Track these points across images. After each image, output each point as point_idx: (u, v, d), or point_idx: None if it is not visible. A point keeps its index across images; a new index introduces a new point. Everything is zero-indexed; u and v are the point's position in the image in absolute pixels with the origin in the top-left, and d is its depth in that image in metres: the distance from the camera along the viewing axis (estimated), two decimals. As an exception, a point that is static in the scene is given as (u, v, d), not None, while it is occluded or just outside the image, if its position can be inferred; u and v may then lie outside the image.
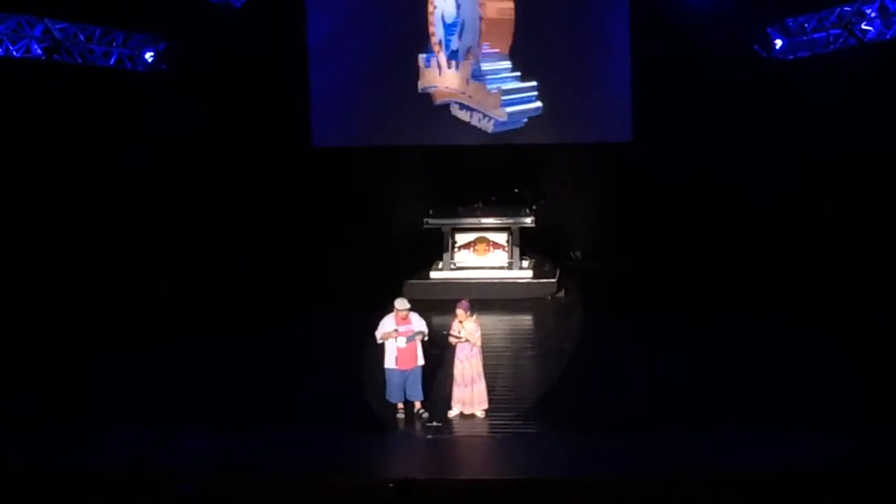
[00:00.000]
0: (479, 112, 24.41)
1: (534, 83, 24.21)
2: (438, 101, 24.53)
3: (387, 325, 16.40)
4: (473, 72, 24.32)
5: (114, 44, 22.03)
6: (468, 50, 24.25)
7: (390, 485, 12.82)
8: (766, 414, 16.24)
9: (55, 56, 20.76)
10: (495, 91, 24.24)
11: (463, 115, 24.60)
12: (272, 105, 24.22)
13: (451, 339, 16.45)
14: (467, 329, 16.38)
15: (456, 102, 24.52)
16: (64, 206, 22.02)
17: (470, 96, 24.45)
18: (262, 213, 24.48)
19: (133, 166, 22.89)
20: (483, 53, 24.21)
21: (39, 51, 20.54)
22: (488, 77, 24.27)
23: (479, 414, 16.50)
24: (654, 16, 23.27)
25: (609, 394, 17.43)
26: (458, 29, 24.25)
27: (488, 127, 24.44)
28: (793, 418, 15.96)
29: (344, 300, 22.79)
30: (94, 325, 20.67)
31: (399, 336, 16.22)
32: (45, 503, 13.88)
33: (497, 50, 24.25)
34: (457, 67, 24.31)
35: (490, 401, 16.71)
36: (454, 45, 24.31)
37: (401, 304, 16.47)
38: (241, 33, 23.41)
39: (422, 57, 24.50)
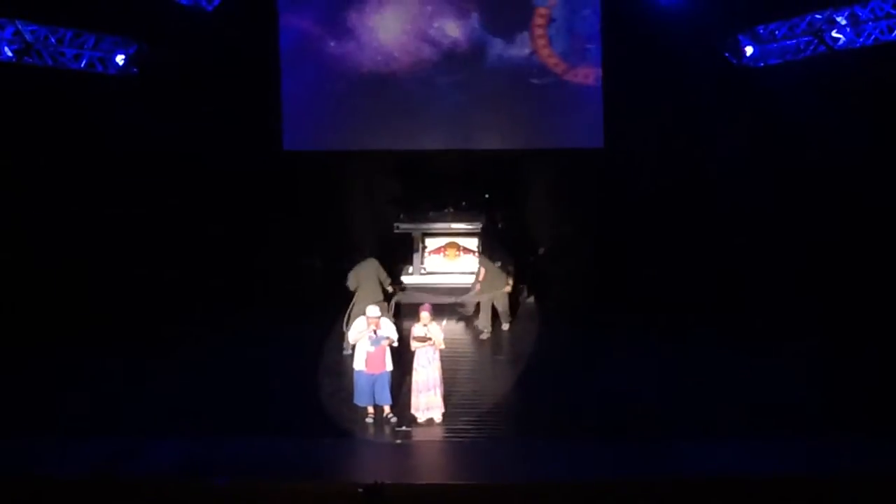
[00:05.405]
0: None
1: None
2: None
3: (360, 325, 16.44)
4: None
5: (84, 46, 21.95)
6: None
7: (360, 489, 12.86)
8: (732, 420, 16.32)
9: (26, 58, 20.67)
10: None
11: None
12: (243, 108, 24.11)
13: (415, 344, 16.41)
14: (433, 332, 16.38)
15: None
16: (29, 210, 21.85)
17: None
18: (232, 217, 24.36)
19: (102, 170, 22.77)
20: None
21: (10, 53, 20.44)
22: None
23: (437, 418, 16.50)
24: (625, 22, 23.36)
25: (576, 399, 17.47)
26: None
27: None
28: (758, 424, 16.05)
29: (313, 305, 22.73)
30: (63, 332, 20.52)
31: (368, 339, 16.27)
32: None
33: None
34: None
35: (459, 405, 16.72)
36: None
37: (372, 311, 16.50)
38: (212, 37, 23.32)
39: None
